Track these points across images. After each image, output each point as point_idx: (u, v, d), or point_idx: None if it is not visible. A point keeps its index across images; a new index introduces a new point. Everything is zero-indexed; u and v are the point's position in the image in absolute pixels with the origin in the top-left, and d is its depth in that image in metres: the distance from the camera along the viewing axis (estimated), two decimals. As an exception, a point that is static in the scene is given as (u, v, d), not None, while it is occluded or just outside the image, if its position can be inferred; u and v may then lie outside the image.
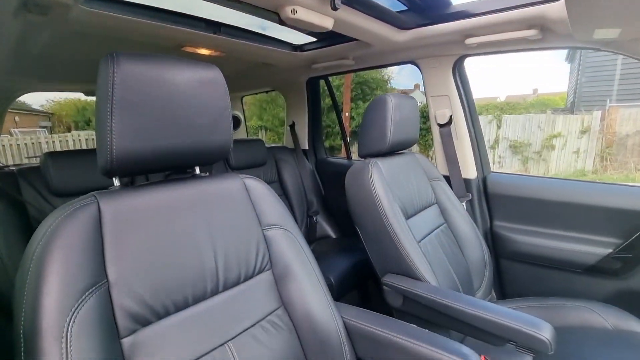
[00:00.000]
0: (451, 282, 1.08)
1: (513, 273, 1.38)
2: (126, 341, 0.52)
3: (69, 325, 0.45)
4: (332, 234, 2.01)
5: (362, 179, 1.04)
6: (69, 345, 0.44)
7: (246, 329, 0.66)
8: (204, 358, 0.58)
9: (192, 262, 0.62)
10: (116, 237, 0.55)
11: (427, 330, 0.72)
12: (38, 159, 1.24)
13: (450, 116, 1.44)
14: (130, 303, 0.53)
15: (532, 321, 0.76)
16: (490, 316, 0.79)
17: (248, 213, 0.75)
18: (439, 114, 1.47)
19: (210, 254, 0.65)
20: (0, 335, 0.73)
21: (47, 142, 7.48)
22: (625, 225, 1.15)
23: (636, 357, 0.87)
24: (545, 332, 0.73)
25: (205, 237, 0.65)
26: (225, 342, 0.62)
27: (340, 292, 1.36)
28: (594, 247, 1.20)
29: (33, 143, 7.23)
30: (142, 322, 0.55)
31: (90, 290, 0.49)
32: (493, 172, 1.51)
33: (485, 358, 0.75)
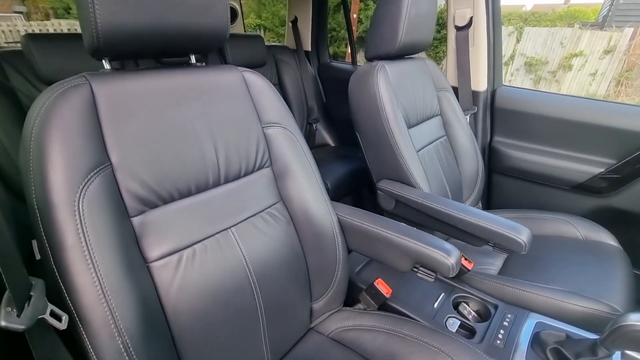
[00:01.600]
0: (442, 191, 1.13)
1: (502, 187, 1.44)
2: (136, 220, 0.56)
3: (79, 200, 0.47)
4: (331, 142, 2.01)
5: (367, 82, 0.99)
6: (82, 218, 0.47)
7: (247, 218, 0.70)
8: (209, 240, 0.64)
9: (192, 153, 0.62)
10: (114, 121, 0.54)
11: (414, 228, 0.78)
12: (19, 44, 1.15)
13: (471, 18, 1.30)
14: (135, 186, 0.55)
15: (512, 225, 0.82)
16: (475, 219, 0.85)
17: (247, 108, 0.73)
18: (458, 15, 1.33)
19: (210, 147, 0.65)
20: (16, 216, 0.78)
21: (25, 30, 6.85)
22: (622, 146, 1.16)
23: (596, 260, 0.97)
24: (522, 235, 0.79)
25: (204, 129, 0.64)
26: (229, 228, 0.67)
27: (336, 196, 1.44)
28: (586, 166, 1.23)
29: (11, 30, 6.62)
30: (149, 204, 0.58)
31: (95, 171, 0.50)
32: (504, 85, 1.44)
33: (464, 257, 0.84)
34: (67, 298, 0.45)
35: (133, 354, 0.46)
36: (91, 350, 0.45)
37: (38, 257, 0.49)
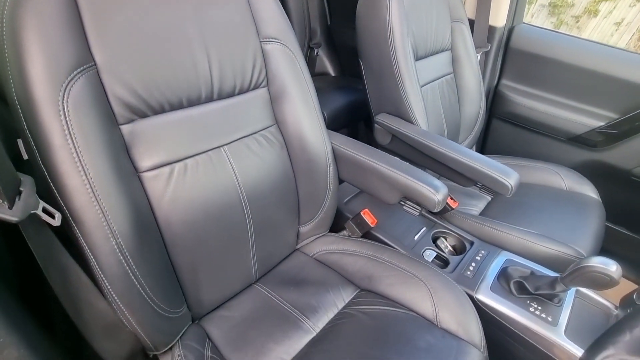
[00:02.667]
0: (439, 131, 1.11)
1: (499, 133, 1.43)
2: (125, 128, 0.54)
3: (63, 99, 0.44)
4: (332, 71, 1.91)
5: (379, 4, 0.90)
6: (68, 119, 0.45)
7: (240, 138, 0.69)
8: (201, 156, 0.63)
9: (183, 60, 0.58)
10: (96, 13, 0.49)
11: (407, 163, 0.78)
12: None
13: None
14: (123, 92, 0.53)
15: (502, 168, 0.83)
16: (467, 160, 0.86)
17: (245, 18, 0.66)
18: None
19: (203, 55, 0.61)
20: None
21: None
22: (628, 101, 1.13)
23: (574, 209, 1.01)
24: (511, 179, 0.81)
25: (196, 34, 0.59)
26: (221, 146, 0.66)
27: (331, 128, 1.41)
28: (587, 119, 1.21)
29: None
30: (138, 113, 0.55)
31: (79, 70, 0.47)
32: (524, 23, 1.33)
33: (450, 196, 0.86)
34: (59, 198, 0.46)
35: (127, 254, 0.49)
36: (87, 248, 0.47)
37: (25, 156, 0.48)
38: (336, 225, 0.92)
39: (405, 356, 0.60)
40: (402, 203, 0.79)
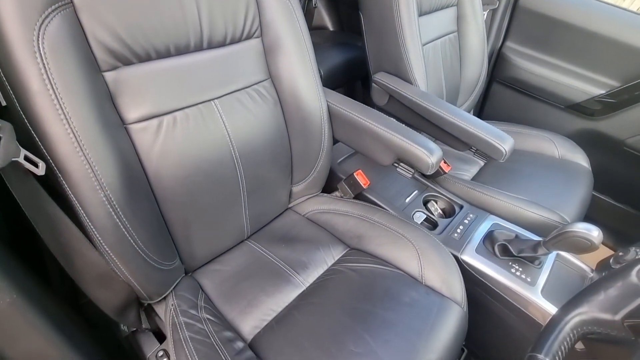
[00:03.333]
0: (438, 93, 1.08)
1: (498, 98, 1.41)
2: (108, 75, 0.51)
3: (38, 40, 0.41)
4: (330, 26, 1.81)
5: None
6: (45, 63, 0.42)
7: (232, 92, 0.66)
8: (191, 109, 0.61)
9: (170, 4, 0.54)
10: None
11: (403, 124, 0.77)
12: None
13: None
14: (104, 35, 0.49)
15: (498, 133, 0.82)
16: (464, 124, 0.85)
17: (237, -43, 0.61)
18: None
19: (192, 1, 0.56)
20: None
21: None
22: (633, 68, 1.11)
23: (564, 177, 1.03)
24: (505, 145, 0.80)
25: (183, -28, 0.54)
26: (212, 100, 0.63)
27: (327, 86, 1.36)
28: (588, 86, 1.19)
29: None
30: (122, 59, 0.52)
31: (54, 8, 0.43)
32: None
33: (443, 160, 0.86)
34: (42, 147, 0.44)
35: (117, 206, 0.48)
36: (74, 199, 0.46)
37: (4, 103, 0.46)
38: (329, 186, 0.92)
39: (390, 310, 0.63)
40: (396, 165, 0.79)
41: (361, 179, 0.85)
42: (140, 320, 0.63)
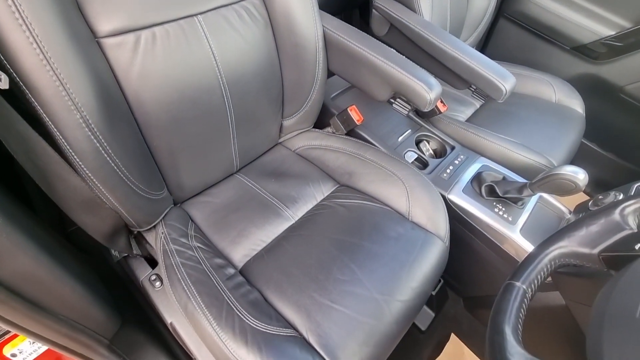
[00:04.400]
0: (442, 24, 1.01)
1: (503, 35, 1.33)
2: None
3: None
4: (328, -59, 1.60)
5: None
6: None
7: (217, 8, 0.59)
8: (171, 25, 0.54)
9: None
10: None
11: (403, 56, 0.72)
12: None
13: None
14: None
15: (500, 71, 0.79)
16: (467, 59, 0.80)
17: None
18: None
19: None
20: None
21: None
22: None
23: (557, 122, 1.02)
24: (507, 83, 0.77)
25: None
26: (195, 15, 0.56)
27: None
28: (598, 25, 1.12)
29: None
30: (87, -44, 0.44)
31: None
32: None
33: (440, 99, 0.82)
34: (3, 58, 0.39)
35: (95, 129, 0.45)
36: (47, 119, 0.42)
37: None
38: (320, 122, 0.89)
39: (377, 243, 0.66)
40: (392, 101, 0.76)
41: (355, 114, 0.82)
42: (131, 246, 0.63)
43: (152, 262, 0.69)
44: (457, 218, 0.79)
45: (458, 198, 0.78)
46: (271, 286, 0.60)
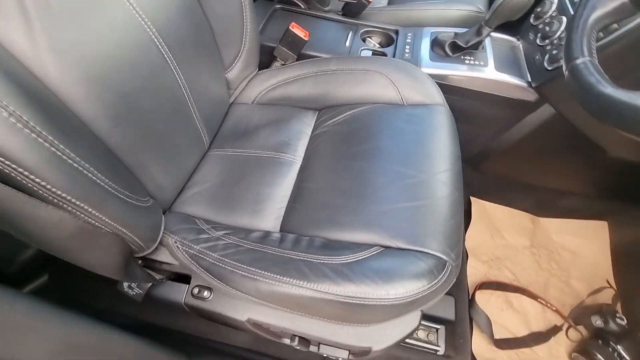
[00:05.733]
0: None
1: None
2: None
3: None
4: None
5: None
6: None
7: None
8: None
9: None
10: None
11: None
12: None
13: None
14: None
15: None
16: None
17: None
18: None
19: None
20: None
21: None
22: None
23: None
24: None
25: None
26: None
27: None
28: None
29: None
30: None
31: None
32: None
33: None
34: None
35: (47, 136, 0.31)
36: None
37: None
38: (263, 63, 0.79)
39: (390, 138, 0.62)
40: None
41: (299, 31, 0.74)
42: (149, 274, 0.51)
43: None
44: (440, 88, 0.79)
45: (430, 68, 0.78)
46: (325, 225, 0.54)
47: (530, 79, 0.74)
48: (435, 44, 0.81)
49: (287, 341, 0.55)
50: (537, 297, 0.82)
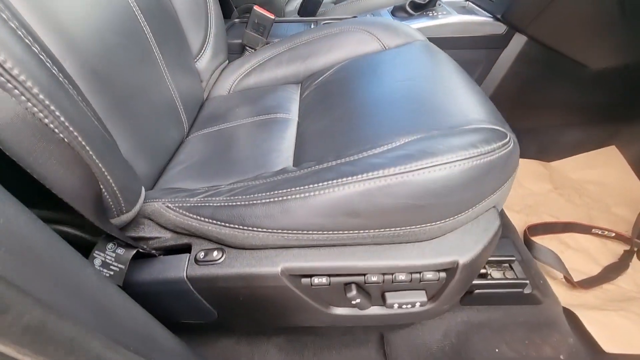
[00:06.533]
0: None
1: None
2: None
3: None
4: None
5: None
6: None
7: None
8: None
9: None
10: None
11: None
12: None
13: None
14: None
15: None
16: None
17: None
18: None
19: None
20: None
21: None
22: None
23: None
24: None
25: None
26: None
27: None
28: None
29: None
30: None
31: None
32: None
33: None
34: None
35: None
36: None
37: None
38: (232, 56, 0.76)
39: (387, 73, 0.57)
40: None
41: (263, 11, 0.73)
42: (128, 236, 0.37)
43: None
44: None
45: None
46: (348, 145, 0.44)
47: (493, 13, 0.77)
48: (396, 10, 0.84)
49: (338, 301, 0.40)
50: (592, 227, 0.72)
